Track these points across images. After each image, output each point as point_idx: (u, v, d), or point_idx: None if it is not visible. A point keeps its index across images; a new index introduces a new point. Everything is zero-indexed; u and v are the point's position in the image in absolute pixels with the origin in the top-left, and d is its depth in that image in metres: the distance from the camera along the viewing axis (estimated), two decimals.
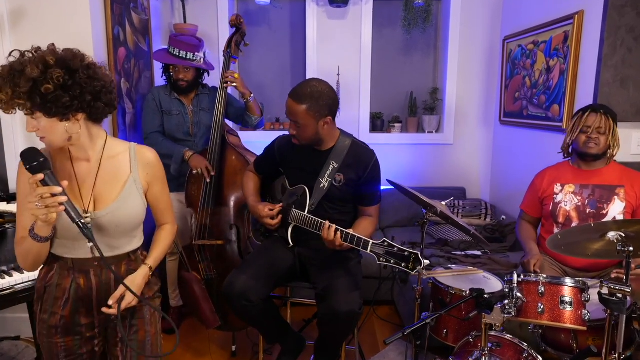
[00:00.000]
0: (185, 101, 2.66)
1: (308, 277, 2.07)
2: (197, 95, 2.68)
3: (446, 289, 1.92)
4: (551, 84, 2.80)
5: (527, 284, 1.67)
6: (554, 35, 2.76)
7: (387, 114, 3.88)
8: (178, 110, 2.64)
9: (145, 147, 1.44)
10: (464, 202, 3.49)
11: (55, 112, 1.18)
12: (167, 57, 2.59)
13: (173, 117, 2.63)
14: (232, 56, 2.60)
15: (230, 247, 2.48)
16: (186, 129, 2.64)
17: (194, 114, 2.66)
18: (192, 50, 2.56)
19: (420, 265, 1.60)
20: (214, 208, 2.48)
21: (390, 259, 1.64)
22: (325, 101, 1.84)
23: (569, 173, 2.16)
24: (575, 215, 2.11)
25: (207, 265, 2.46)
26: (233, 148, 2.54)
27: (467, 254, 2.87)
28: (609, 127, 2.02)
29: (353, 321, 1.88)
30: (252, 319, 1.98)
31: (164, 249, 1.52)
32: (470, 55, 3.65)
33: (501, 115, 3.51)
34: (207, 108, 2.66)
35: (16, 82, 1.12)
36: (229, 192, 2.51)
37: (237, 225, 2.49)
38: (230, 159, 2.53)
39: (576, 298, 1.63)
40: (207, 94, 2.70)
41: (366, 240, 1.71)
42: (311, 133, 1.88)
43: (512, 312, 1.55)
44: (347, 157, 1.97)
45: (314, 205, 1.98)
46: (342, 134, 2.02)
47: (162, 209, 1.52)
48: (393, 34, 3.78)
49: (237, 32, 2.61)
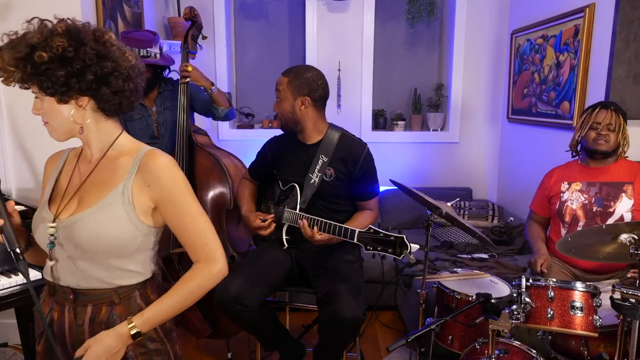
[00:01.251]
0: (147, 102, 2.56)
1: (307, 281, 2.07)
2: (159, 93, 2.58)
3: (452, 294, 1.92)
4: (561, 79, 2.80)
5: (536, 289, 1.67)
6: (564, 29, 2.76)
7: (389, 111, 3.88)
8: (140, 114, 2.54)
9: (159, 153, 1.16)
10: (470, 203, 3.49)
11: (49, 88, 1.04)
12: None
13: (135, 122, 2.54)
14: (189, 51, 2.55)
15: None
16: (151, 132, 2.56)
17: (158, 114, 2.57)
18: (144, 45, 2.44)
19: (406, 249, 1.61)
20: None
21: (377, 246, 1.66)
22: (305, 80, 1.95)
23: (577, 171, 2.18)
24: (582, 213, 2.12)
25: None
26: (202, 148, 2.51)
27: (474, 257, 2.87)
28: (619, 125, 2.03)
29: (356, 327, 1.88)
30: (248, 325, 1.98)
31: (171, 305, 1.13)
32: (477, 50, 3.65)
33: (509, 112, 3.51)
34: (172, 106, 2.57)
35: (15, 46, 1.02)
36: (202, 194, 2.48)
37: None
38: (200, 159, 2.50)
39: (587, 303, 1.63)
40: (171, 89, 2.60)
41: (352, 230, 1.73)
42: (288, 109, 1.96)
43: (520, 318, 1.55)
44: (336, 151, 2.00)
45: (305, 202, 2.00)
46: (330, 127, 2.05)
47: (185, 239, 1.15)
48: (396, 27, 3.78)
49: (193, 26, 2.56)
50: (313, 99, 1.95)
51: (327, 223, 1.83)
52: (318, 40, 3.61)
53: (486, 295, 1.58)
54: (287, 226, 2.05)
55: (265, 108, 3.84)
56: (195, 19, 2.54)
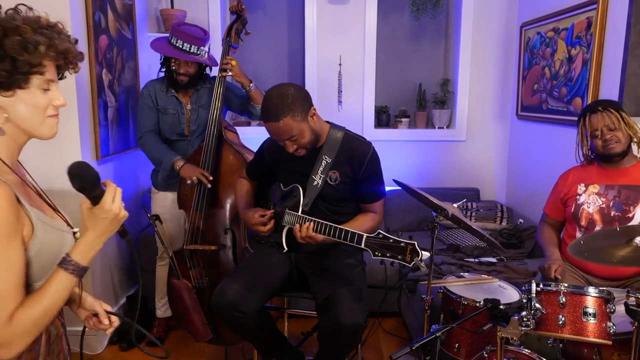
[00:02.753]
0: (183, 98, 2.63)
1: (307, 286, 2.07)
2: (196, 90, 2.64)
3: (458, 300, 1.92)
4: (573, 75, 2.80)
5: (546, 294, 1.67)
6: (576, 21, 2.76)
7: (393, 107, 3.88)
8: (175, 109, 2.62)
9: None
10: (478, 204, 3.49)
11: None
12: (168, 49, 2.51)
13: (168, 116, 2.62)
14: (231, 45, 2.60)
15: (224, 254, 2.48)
16: (180, 130, 2.63)
17: (192, 111, 2.63)
18: (198, 43, 2.50)
19: (417, 256, 1.62)
20: (208, 210, 2.48)
21: (385, 252, 1.66)
22: (301, 98, 1.85)
23: (594, 173, 2.17)
24: (599, 218, 2.11)
25: (198, 272, 2.47)
26: (230, 145, 2.54)
27: (481, 261, 2.87)
28: (617, 120, 2.02)
29: (358, 334, 1.88)
30: (245, 332, 1.98)
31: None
32: (485, 44, 3.65)
33: (518, 109, 3.51)
34: (207, 104, 2.61)
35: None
36: (224, 194, 2.51)
37: (232, 230, 2.49)
38: (226, 157, 2.53)
39: (600, 309, 1.63)
40: (208, 87, 2.67)
41: (360, 234, 1.73)
42: (309, 135, 1.90)
43: (530, 325, 1.55)
44: (340, 152, 1.99)
45: (308, 204, 1.99)
46: (332, 127, 2.04)
47: None
48: (400, 20, 3.78)
49: (238, 20, 2.61)
50: (312, 105, 1.92)
51: (332, 227, 1.82)
52: (318, 33, 3.61)
53: (494, 301, 1.58)
54: (287, 229, 2.05)
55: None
56: (242, 13, 2.61)
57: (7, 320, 0.97)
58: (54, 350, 1.16)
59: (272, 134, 1.89)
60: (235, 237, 2.49)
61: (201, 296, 2.43)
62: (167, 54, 2.53)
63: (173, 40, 2.50)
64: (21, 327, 0.99)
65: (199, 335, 2.37)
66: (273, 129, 1.85)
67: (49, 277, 1.05)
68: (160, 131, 2.66)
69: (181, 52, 2.49)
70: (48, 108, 1.07)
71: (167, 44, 2.53)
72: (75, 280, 1.06)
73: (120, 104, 2.89)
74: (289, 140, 1.87)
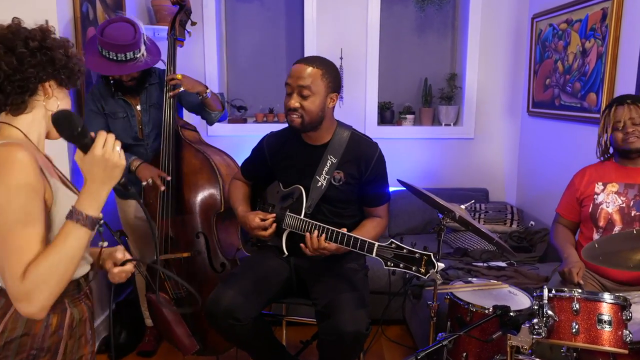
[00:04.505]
0: (132, 100, 2.53)
1: (306, 292, 2.07)
2: (145, 89, 2.54)
3: (466, 306, 1.92)
4: (587, 69, 2.80)
5: (559, 300, 1.67)
6: (590, 12, 2.75)
7: (397, 104, 3.88)
8: (124, 112, 2.52)
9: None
10: (487, 206, 3.49)
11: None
12: (106, 65, 2.31)
13: (118, 121, 2.52)
14: (177, 38, 2.54)
15: (199, 259, 2.47)
16: (134, 133, 2.55)
17: (143, 112, 2.54)
18: (131, 48, 2.28)
19: (433, 268, 1.61)
20: (175, 216, 2.47)
21: (399, 263, 1.65)
22: (337, 75, 1.94)
23: (613, 171, 2.17)
24: (619, 218, 2.11)
25: (174, 282, 2.45)
26: (190, 144, 2.51)
27: (490, 265, 2.87)
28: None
29: (359, 343, 1.88)
30: (241, 340, 1.98)
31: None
32: (494, 36, 3.65)
33: (529, 105, 3.51)
34: (159, 103, 2.51)
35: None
36: (190, 196, 2.49)
37: (204, 233, 2.48)
38: (187, 157, 2.50)
39: (616, 316, 1.63)
40: (157, 83, 2.56)
41: (371, 243, 1.72)
42: (319, 106, 1.90)
43: (542, 333, 1.55)
44: (346, 152, 1.99)
45: (311, 207, 1.99)
46: (339, 126, 2.04)
47: None
48: (405, 11, 3.78)
49: (181, 10, 2.55)
50: (339, 93, 1.97)
51: (340, 234, 1.80)
52: (318, 24, 3.61)
53: (504, 308, 1.58)
54: (287, 233, 2.04)
55: (259, 101, 3.84)
56: (184, 3, 2.53)
57: (22, 274, 1.08)
58: (76, 333, 1.29)
59: (292, 74, 1.90)
60: (207, 240, 2.48)
61: (181, 307, 2.42)
62: (106, 73, 2.38)
63: (104, 53, 2.29)
64: (34, 280, 1.09)
65: (185, 348, 2.35)
66: (297, 69, 1.89)
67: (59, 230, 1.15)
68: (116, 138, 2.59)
69: (117, 64, 2.30)
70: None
71: (100, 58, 2.31)
72: (86, 230, 1.14)
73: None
74: (300, 88, 1.87)
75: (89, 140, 1.14)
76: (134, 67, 2.33)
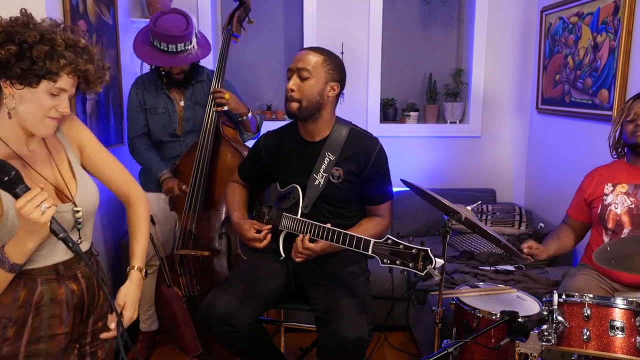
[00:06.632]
0: (176, 95, 2.60)
1: (305, 297, 2.07)
2: (191, 85, 2.62)
3: (472, 312, 1.92)
4: (598, 64, 2.80)
5: (569, 306, 1.67)
6: (602, 5, 2.75)
7: (401, 100, 3.88)
8: (165, 108, 2.59)
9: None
10: (494, 207, 3.49)
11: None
12: (156, 56, 2.43)
13: (158, 116, 2.60)
14: (232, 34, 2.61)
15: (217, 260, 2.49)
16: (172, 130, 2.61)
17: (186, 109, 2.61)
18: (182, 40, 2.40)
19: (430, 263, 1.62)
20: (202, 212, 2.49)
21: (395, 260, 1.66)
22: (340, 64, 1.98)
23: (623, 171, 2.18)
24: (628, 219, 2.12)
25: (189, 280, 2.47)
26: (229, 142, 2.54)
27: (498, 269, 2.87)
28: None
29: (360, 350, 1.88)
30: (238, 348, 1.98)
31: (146, 237, 1.55)
32: (502, 30, 3.65)
33: (538, 102, 3.51)
34: (204, 102, 2.57)
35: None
36: (220, 194, 2.51)
37: (227, 234, 2.50)
38: (223, 154, 2.54)
39: (629, 322, 1.63)
40: (203, 80, 2.64)
41: (367, 240, 1.73)
42: (317, 91, 1.93)
43: (551, 340, 1.55)
44: (345, 148, 2.00)
45: (308, 206, 2.00)
46: (338, 121, 2.06)
47: (116, 175, 1.54)
48: (409, 3, 3.79)
49: (240, 7, 2.62)
50: (342, 87, 1.99)
51: (334, 231, 1.82)
52: (318, 18, 3.61)
53: (512, 314, 1.58)
54: (285, 234, 2.04)
55: (256, 97, 3.84)
56: (245, 0, 2.60)
57: None
58: (45, 311, 1.35)
59: (294, 59, 1.97)
60: (230, 242, 2.49)
61: (192, 307, 2.43)
62: (156, 63, 2.50)
63: (156, 43, 2.41)
64: None
65: (188, 349, 2.37)
66: (300, 54, 1.97)
67: None
68: (153, 133, 2.65)
69: (169, 55, 2.42)
70: (51, 110, 1.29)
71: (151, 48, 2.45)
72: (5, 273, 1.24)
73: (100, 96, 2.88)
74: (300, 70, 1.92)
75: (19, 190, 1.18)
76: (184, 59, 2.44)
